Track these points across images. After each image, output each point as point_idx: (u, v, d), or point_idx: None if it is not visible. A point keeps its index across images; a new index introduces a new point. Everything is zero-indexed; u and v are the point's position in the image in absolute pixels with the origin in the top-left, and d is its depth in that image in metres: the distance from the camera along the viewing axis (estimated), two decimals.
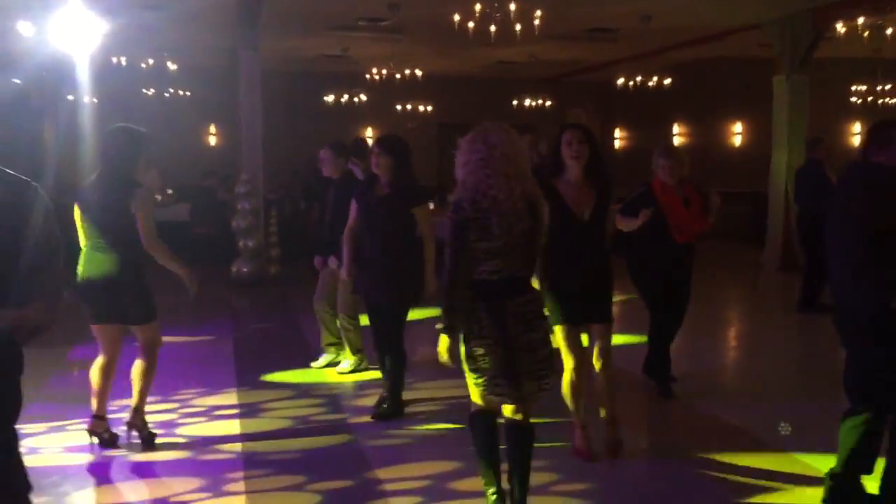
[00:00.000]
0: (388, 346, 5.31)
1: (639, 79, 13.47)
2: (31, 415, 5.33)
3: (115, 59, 12.04)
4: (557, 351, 4.09)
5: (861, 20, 8.44)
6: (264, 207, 11.20)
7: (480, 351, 3.45)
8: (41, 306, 2.54)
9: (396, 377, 5.30)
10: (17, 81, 10.19)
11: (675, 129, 17.30)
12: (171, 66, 12.11)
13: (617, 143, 19.81)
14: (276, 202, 12.86)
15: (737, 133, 16.09)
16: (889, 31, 8.51)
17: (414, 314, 5.53)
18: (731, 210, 9.31)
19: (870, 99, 13.20)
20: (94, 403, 4.70)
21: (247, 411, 5.47)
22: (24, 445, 3.16)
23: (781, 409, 5.35)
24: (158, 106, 14.82)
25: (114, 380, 4.76)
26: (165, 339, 4.85)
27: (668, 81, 13.53)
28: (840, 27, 8.74)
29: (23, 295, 2.49)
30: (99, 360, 4.69)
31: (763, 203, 12.45)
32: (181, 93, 15.08)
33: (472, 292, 3.47)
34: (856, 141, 16.64)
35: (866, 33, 8.47)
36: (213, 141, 17.30)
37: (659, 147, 5.82)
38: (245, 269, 10.71)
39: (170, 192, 14.21)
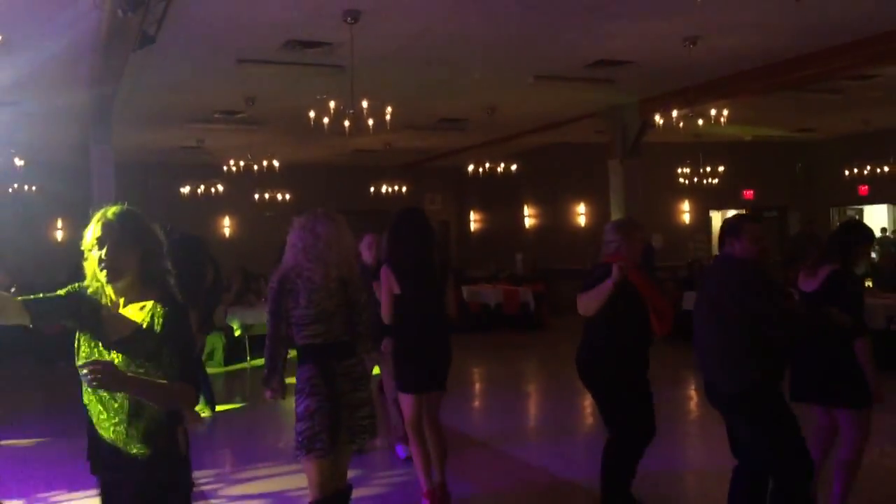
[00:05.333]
0: None
1: (487, 165, 14.27)
2: None
3: None
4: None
5: (675, 113, 9.49)
6: None
7: (313, 407, 3.80)
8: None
9: None
10: None
11: (525, 210, 18.26)
12: (18, 163, 11.83)
13: (472, 226, 20.63)
14: None
15: (581, 213, 17.18)
16: (700, 121, 9.61)
17: None
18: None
19: (695, 180, 14.59)
20: None
21: None
22: None
23: None
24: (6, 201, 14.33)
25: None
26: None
27: (514, 167, 14.39)
28: (658, 118, 9.78)
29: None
30: None
31: None
32: (26, 188, 14.63)
33: (302, 355, 3.87)
34: (686, 219, 18.15)
35: (681, 124, 9.52)
36: (59, 236, 16.74)
37: (616, 222, 4.85)
38: None
39: (13, 289, 13.60)
